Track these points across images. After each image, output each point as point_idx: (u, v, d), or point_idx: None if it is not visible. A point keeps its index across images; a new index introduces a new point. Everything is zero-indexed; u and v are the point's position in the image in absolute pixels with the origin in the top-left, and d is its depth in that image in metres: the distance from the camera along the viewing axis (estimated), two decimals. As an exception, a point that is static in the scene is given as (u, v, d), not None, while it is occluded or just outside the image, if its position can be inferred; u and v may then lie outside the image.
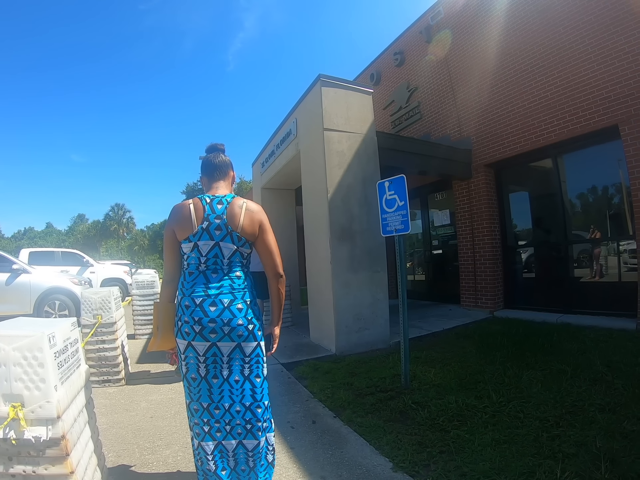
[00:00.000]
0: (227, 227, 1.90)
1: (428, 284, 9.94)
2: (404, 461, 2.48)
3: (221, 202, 1.94)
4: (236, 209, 1.94)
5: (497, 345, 4.97)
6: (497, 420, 2.95)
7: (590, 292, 6.48)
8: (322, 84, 5.67)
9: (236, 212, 1.93)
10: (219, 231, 1.90)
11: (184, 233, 1.91)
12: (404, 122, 9.92)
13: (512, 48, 7.05)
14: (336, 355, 5.21)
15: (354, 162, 5.75)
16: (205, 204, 1.94)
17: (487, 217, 7.64)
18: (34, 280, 8.04)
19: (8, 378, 1.59)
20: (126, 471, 2.51)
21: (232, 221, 1.91)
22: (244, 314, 1.90)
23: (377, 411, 3.32)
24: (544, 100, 6.52)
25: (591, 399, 3.15)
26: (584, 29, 5.91)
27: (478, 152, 7.80)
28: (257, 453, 1.96)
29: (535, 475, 2.20)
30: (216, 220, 1.90)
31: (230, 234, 1.91)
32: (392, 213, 3.98)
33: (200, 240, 1.89)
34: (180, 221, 1.93)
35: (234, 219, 1.92)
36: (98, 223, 64.86)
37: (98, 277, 12.80)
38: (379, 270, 5.77)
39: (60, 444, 1.64)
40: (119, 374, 4.31)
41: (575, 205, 6.94)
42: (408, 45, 9.78)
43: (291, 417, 3.33)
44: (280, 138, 7.65)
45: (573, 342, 4.85)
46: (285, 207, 9.51)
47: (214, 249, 1.90)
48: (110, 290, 4.45)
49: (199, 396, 1.90)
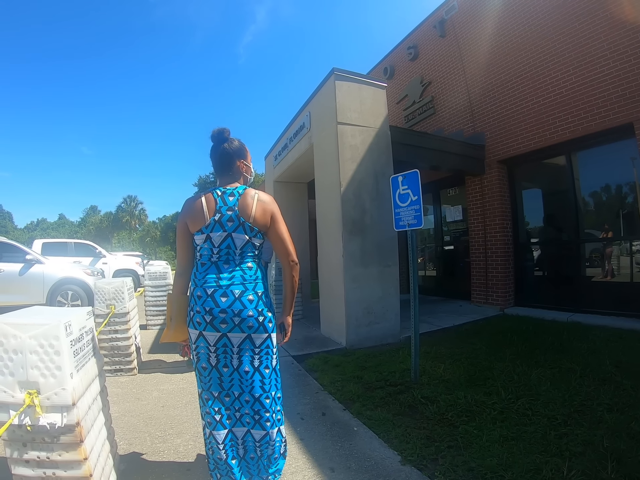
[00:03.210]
0: (239, 219, 1.93)
1: (438, 280, 9.94)
2: (412, 455, 2.51)
3: (233, 195, 1.97)
4: (248, 200, 1.96)
5: (506, 342, 4.98)
6: (506, 416, 2.97)
7: (602, 292, 6.43)
8: (336, 77, 5.66)
9: (248, 203, 1.95)
10: (231, 222, 1.93)
11: (196, 225, 1.95)
12: (417, 116, 9.87)
13: (527, 44, 6.97)
14: (346, 349, 5.25)
15: (366, 156, 5.75)
16: (216, 196, 1.97)
17: (499, 213, 7.61)
18: (47, 271, 8.15)
19: (24, 365, 1.62)
20: (137, 459, 2.55)
21: (244, 212, 1.94)
22: (255, 306, 1.93)
23: (387, 405, 3.35)
24: (559, 97, 6.46)
25: (599, 398, 3.16)
26: (600, 25, 5.83)
27: (491, 148, 7.76)
28: (264, 444, 1.99)
29: (542, 472, 2.21)
30: (228, 212, 1.93)
31: (243, 225, 1.93)
32: (405, 207, 3.97)
33: (212, 232, 1.93)
34: (193, 214, 1.96)
35: (246, 210, 1.94)
36: (110, 215, 65.28)
37: (110, 268, 12.95)
38: (390, 265, 5.78)
39: (74, 430, 1.67)
40: (131, 363, 4.37)
41: (588, 204, 6.87)
42: (422, 40, 9.71)
43: (301, 409, 3.36)
44: (293, 131, 7.67)
45: (583, 341, 4.84)
46: (298, 201, 9.54)
47: (226, 240, 1.93)
48: (124, 280, 4.50)
49: (210, 385, 1.95)
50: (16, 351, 1.62)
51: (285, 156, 8.39)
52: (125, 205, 63.96)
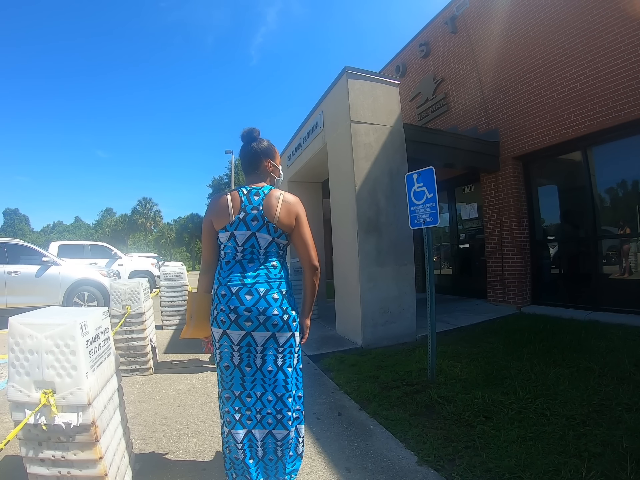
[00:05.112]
0: (263, 218, 1.94)
1: (454, 278, 9.87)
2: (429, 455, 2.51)
3: (258, 194, 1.98)
4: (273, 200, 1.97)
5: (524, 341, 4.94)
6: (523, 416, 2.95)
7: (619, 290, 6.33)
8: (349, 76, 5.66)
9: (273, 204, 1.96)
10: (255, 222, 1.94)
11: (221, 223, 1.97)
12: (430, 114, 9.82)
13: (539, 38, 6.89)
14: (362, 348, 5.25)
15: (380, 155, 5.74)
16: (242, 195, 1.98)
17: (515, 210, 7.53)
18: (64, 272, 8.24)
19: (40, 365, 1.64)
20: (153, 458, 2.58)
21: (269, 212, 1.94)
22: (279, 304, 1.94)
23: (403, 405, 3.35)
24: (573, 91, 6.37)
25: (618, 398, 3.12)
26: (612, 16, 5.73)
27: (506, 145, 7.68)
28: (285, 443, 2.00)
29: (561, 473, 2.20)
30: (253, 211, 1.94)
31: (267, 225, 1.94)
32: (420, 205, 3.95)
33: (237, 230, 1.94)
34: (218, 211, 1.98)
35: (271, 210, 1.95)
36: (126, 217, 65.70)
37: (126, 269, 13.11)
38: (406, 264, 5.76)
39: (90, 430, 1.69)
40: (146, 363, 4.42)
41: (605, 200, 6.75)
42: (433, 37, 9.66)
43: (317, 409, 3.38)
44: (306, 131, 7.68)
45: (601, 340, 4.77)
46: (312, 200, 9.52)
47: (250, 239, 1.95)
48: (139, 281, 4.55)
49: (232, 384, 1.95)
50: (32, 351, 1.64)
51: (299, 156, 8.41)
52: (140, 207, 64.44)
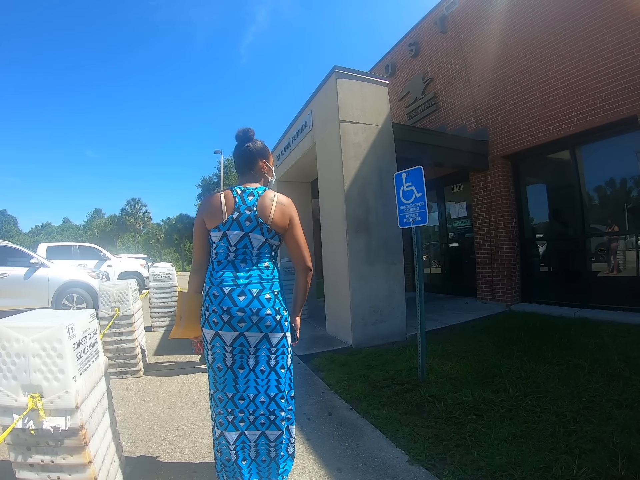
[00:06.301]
0: (257, 219, 1.92)
1: (444, 277, 9.90)
2: (420, 454, 2.50)
3: (252, 194, 1.96)
4: (267, 201, 1.95)
5: (514, 339, 4.95)
6: (514, 414, 2.95)
7: (608, 287, 6.40)
8: (338, 75, 5.64)
9: (267, 205, 1.94)
10: (249, 222, 1.92)
11: (213, 222, 1.94)
12: (419, 113, 9.84)
13: (529, 37, 6.93)
14: (352, 348, 5.24)
15: (370, 154, 5.73)
16: (236, 195, 1.96)
17: (504, 209, 7.57)
18: (52, 274, 8.16)
19: (27, 369, 1.61)
20: (143, 461, 2.54)
21: (263, 213, 1.93)
22: (272, 304, 1.92)
23: (394, 404, 3.34)
24: (562, 91, 6.42)
25: (608, 394, 3.13)
26: (602, 17, 5.78)
27: (495, 144, 7.72)
28: (279, 443, 1.99)
29: (552, 470, 2.19)
30: (247, 212, 1.92)
31: (260, 226, 1.92)
32: (409, 205, 3.94)
33: (230, 230, 1.92)
34: (211, 210, 1.95)
35: (265, 211, 1.93)
36: (115, 217, 65.34)
37: (115, 270, 12.98)
38: (396, 263, 5.75)
39: (78, 434, 1.66)
40: (136, 365, 4.37)
41: (593, 198, 6.82)
42: (423, 36, 9.67)
43: (308, 409, 3.36)
44: (295, 131, 7.65)
45: (590, 337, 4.80)
46: (301, 200, 9.45)
47: (243, 239, 1.92)
48: (128, 282, 4.51)
49: (224, 386, 1.92)
50: (19, 355, 1.61)
51: (288, 155, 8.38)
52: (130, 207, 64.04)
